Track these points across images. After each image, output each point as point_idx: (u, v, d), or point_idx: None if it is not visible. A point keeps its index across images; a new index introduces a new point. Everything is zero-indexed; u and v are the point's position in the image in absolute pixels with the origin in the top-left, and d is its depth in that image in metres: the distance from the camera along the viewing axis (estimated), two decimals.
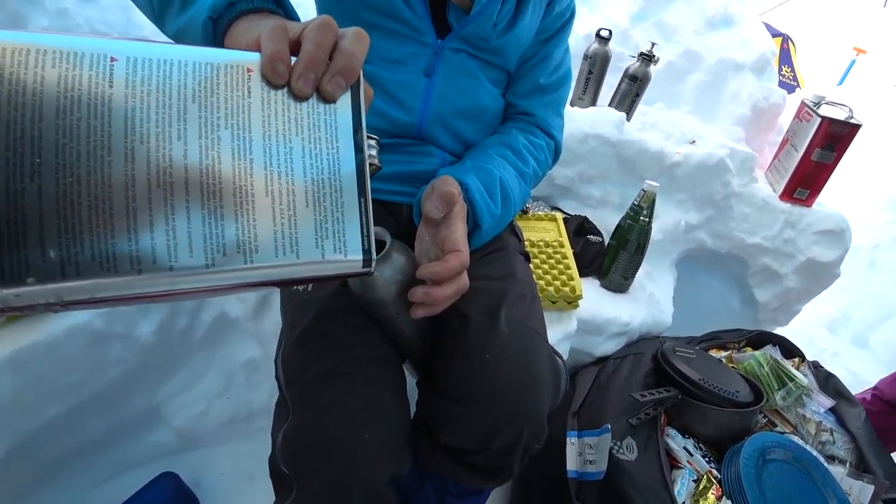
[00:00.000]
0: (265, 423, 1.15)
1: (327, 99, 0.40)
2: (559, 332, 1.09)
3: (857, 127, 1.40)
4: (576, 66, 1.49)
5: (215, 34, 0.46)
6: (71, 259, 0.32)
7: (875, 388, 1.49)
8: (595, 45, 1.44)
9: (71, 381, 0.90)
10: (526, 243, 1.19)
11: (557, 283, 1.10)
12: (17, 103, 0.32)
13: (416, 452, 0.68)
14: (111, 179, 0.34)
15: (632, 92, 1.44)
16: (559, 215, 1.31)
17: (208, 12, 0.45)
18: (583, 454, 1.03)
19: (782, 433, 1.13)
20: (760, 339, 1.38)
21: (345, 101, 0.41)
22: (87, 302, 0.34)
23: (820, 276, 1.56)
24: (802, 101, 1.52)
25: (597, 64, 1.45)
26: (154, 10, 0.53)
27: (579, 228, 1.35)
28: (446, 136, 0.79)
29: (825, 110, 1.44)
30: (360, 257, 0.40)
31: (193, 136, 0.36)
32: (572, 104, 1.50)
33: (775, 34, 6.15)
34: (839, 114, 1.44)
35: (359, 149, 0.41)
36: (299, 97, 0.39)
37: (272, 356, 1.11)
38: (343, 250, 0.40)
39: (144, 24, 1.31)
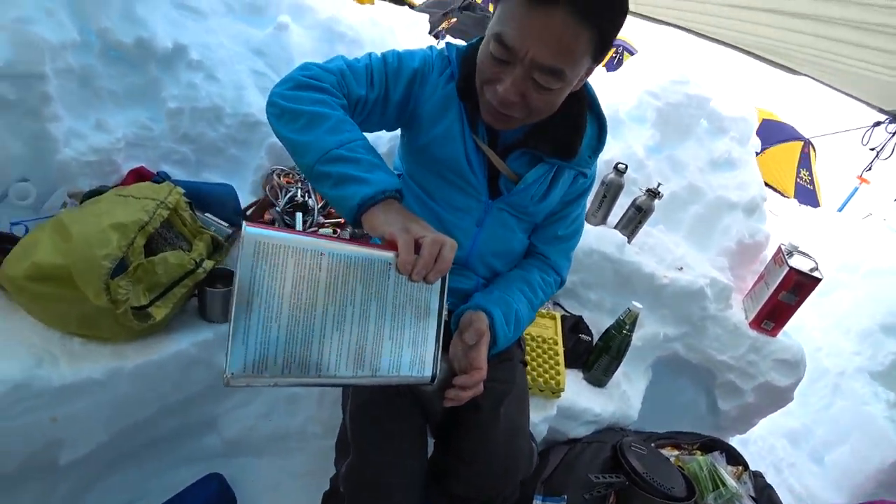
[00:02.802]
0: (296, 444, 1.42)
1: (428, 283, 0.70)
2: (541, 415, 1.35)
3: (817, 280, 1.67)
4: (594, 187, 1.78)
5: (358, 212, 0.75)
6: (288, 365, 0.62)
7: None
8: (612, 175, 1.74)
9: (163, 391, 1.17)
10: (527, 337, 1.46)
11: (546, 375, 1.37)
12: (272, 278, 0.62)
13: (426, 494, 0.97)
14: (314, 327, 0.65)
15: (636, 219, 1.73)
16: (559, 315, 1.59)
17: (358, 201, 0.74)
18: None
19: None
20: (711, 445, 1.62)
21: (437, 284, 0.73)
22: (286, 386, 0.65)
23: (775, 397, 1.80)
24: (780, 247, 1.79)
25: (611, 190, 1.74)
26: (312, 175, 0.81)
27: (574, 326, 1.62)
28: (483, 268, 1.07)
29: (794, 261, 1.71)
30: (430, 378, 0.72)
31: (358, 303, 0.68)
32: (586, 220, 1.79)
33: (797, 138, 6.45)
34: (805, 265, 1.71)
35: (440, 314, 0.73)
36: (414, 281, 0.69)
37: (311, 392, 1.39)
38: (422, 373, 0.72)
39: (252, 103, 1.63)
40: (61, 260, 1.01)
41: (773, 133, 6.20)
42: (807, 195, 6.31)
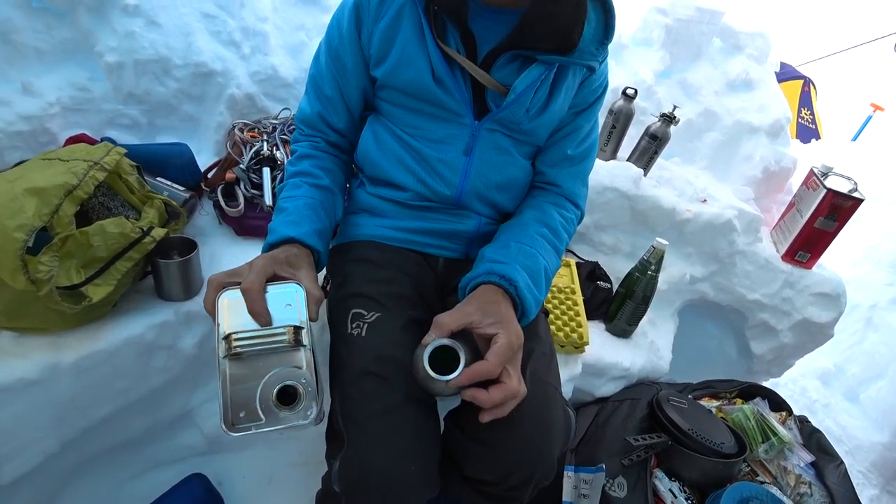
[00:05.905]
0: (288, 433, 1.24)
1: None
2: (565, 374, 1.18)
3: (859, 201, 1.48)
4: (600, 118, 1.58)
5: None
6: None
7: None
8: (621, 102, 1.53)
9: (122, 387, 0.99)
10: None
11: (567, 328, 1.19)
12: None
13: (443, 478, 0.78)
14: None
15: (651, 149, 1.53)
16: (573, 261, 1.40)
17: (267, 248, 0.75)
18: (578, 488, 1.12)
19: (763, 483, 1.21)
20: (751, 391, 1.46)
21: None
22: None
23: (814, 335, 1.64)
24: (811, 170, 1.60)
25: (621, 119, 1.54)
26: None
27: (590, 274, 1.43)
28: (481, 204, 0.88)
29: (831, 182, 1.52)
30: (226, 428, 0.61)
31: None
32: None
33: (797, 76, 6.21)
34: (844, 186, 1.52)
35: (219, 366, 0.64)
36: None
37: None
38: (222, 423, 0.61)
39: (204, 50, 1.41)
40: None
41: None
42: (808, 134, 6.13)
